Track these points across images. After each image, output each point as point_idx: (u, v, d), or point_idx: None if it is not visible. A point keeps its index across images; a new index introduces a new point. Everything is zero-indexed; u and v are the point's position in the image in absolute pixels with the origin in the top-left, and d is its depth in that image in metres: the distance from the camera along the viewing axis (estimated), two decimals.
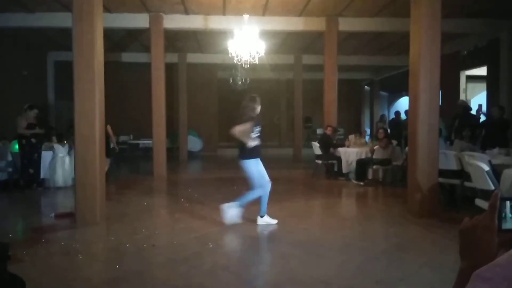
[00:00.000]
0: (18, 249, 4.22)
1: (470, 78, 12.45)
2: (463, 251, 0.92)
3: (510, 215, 0.88)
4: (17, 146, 8.11)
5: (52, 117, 13.98)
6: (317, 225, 5.43)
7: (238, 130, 4.88)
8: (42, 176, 8.20)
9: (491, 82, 10.86)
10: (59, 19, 9.29)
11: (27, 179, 7.92)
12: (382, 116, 14.98)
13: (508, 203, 0.88)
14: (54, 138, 8.68)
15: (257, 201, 5.18)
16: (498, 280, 0.71)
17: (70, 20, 5.47)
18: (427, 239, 4.78)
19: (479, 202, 4.75)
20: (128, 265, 3.87)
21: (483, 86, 11.89)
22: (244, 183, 7.53)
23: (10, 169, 8.22)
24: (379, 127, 11.28)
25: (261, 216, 5.17)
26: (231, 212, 5.07)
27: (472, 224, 0.90)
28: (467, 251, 0.91)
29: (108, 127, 8.33)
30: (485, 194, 4.77)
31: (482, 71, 11.55)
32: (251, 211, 5.44)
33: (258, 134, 5.03)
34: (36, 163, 8.04)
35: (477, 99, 12.42)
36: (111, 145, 8.66)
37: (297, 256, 4.37)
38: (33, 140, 7.94)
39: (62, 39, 11.13)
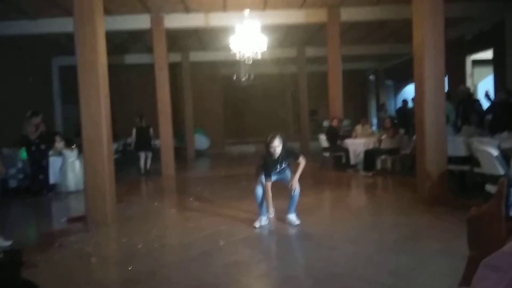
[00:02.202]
0: (31, 254, 4.27)
1: (476, 63, 12.29)
2: (471, 240, 0.92)
3: None
4: (25, 153, 8.18)
5: (59, 122, 14.09)
6: (327, 218, 5.43)
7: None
8: (52, 181, 8.28)
9: (498, 66, 10.71)
10: (62, 25, 9.34)
11: (38, 185, 8.00)
12: (383, 105, 14.83)
13: None
14: (57, 138, 8.72)
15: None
16: (506, 267, 0.71)
17: (72, 25, 5.50)
18: (438, 227, 4.75)
19: (489, 188, 4.72)
20: (140, 266, 3.90)
21: (489, 70, 11.74)
22: (252, 180, 7.55)
23: (21, 176, 8.32)
24: (380, 116, 11.19)
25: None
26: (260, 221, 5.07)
27: (479, 213, 0.89)
28: (476, 240, 0.90)
29: (151, 129, 10.59)
30: (495, 180, 4.72)
31: (488, 55, 11.41)
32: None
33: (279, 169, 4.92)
34: (46, 169, 8.12)
35: (484, 83, 12.27)
36: (151, 143, 10.64)
37: (308, 249, 4.38)
38: (42, 146, 8.02)
39: (66, 44, 11.21)
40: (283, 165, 4.92)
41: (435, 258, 3.75)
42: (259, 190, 4.94)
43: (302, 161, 4.93)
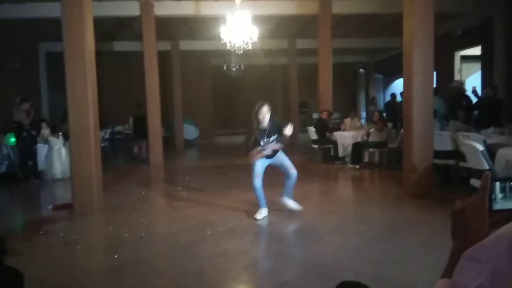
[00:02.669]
0: (16, 241, 4.24)
1: (464, 58, 12.41)
2: (455, 233, 0.93)
3: (500, 196, 0.89)
4: (13, 139, 8.08)
5: (45, 108, 13.88)
6: (313, 209, 5.45)
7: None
8: (39, 168, 8.20)
9: (486, 62, 10.84)
10: (49, 9, 9.14)
11: (26, 171, 7.94)
12: (373, 99, 14.91)
13: (498, 184, 0.89)
14: (43, 125, 8.63)
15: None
16: (486, 259, 0.72)
17: (60, 10, 5.39)
18: (422, 220, 4.82)
19: (474, 182, 4.79)
20: (127, 255, 3.89)
21: (477, 66, 11.86)
22: (240, 170, 7.57)
23: (6, 162, 8.21)
24: (370, 110, 11.24)
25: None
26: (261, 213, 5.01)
27: (463, 206, 0.91)
28: (459, 233, 0.92)
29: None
30: (480, 174, 4.79)
31: (476, 51, 11.52)
32: (249, 198, 5.47)
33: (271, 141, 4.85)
34: (35, 155, 8.10)
35: (472, 79, 12.41)
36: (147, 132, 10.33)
37: (294, 241, 4.42)
38: (33, 132, 8.01)
39: (53, 29, 10.96)
40: (271, 138, 4.84)
41: (419, 250, 3.82)
42: (257, 183, 4.89)
43: (288, 131, 4.80)
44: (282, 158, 5.01)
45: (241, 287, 3.37)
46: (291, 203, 5.11)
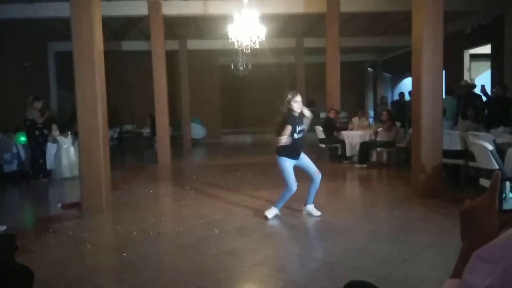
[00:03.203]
0: (26, 239, 4.29)
1: (474, 57, 12.29)
2: (464, 232, 0.93)
3: (510, 195, 0.88)
4: (22, 138, 8.16)
5: (55, 107, 14.00)
6: (321, 209, 5.44)
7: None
8: (48, 167, 8.28)
9: (495, 60, 10.72)
10: (58, 9, 9.23)
11: (37, 170, 8.03)
12: (383, 98, 14.84)
13: (508, 183, 0.88)
14: (53, 126, 8.73)
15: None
16: (497, 259, 0.72)
17: (69, 10, 5.43)
18: (431, 219, 4.79)
19: (483, 182, 4.75)
20: (135, 253, 3.91)
21: (487, 64, 11.75)
22: (248, 169, 7.57)
23: (15, 161, 8.30)
24: (380, 109, 11.17)
25: (305, 205, 5.11)
26: (272, 212, 4.96)
27: (473, 205, 0.90)
28: (468, 232, 0.91)
29: None
30: (489, 174, 4.75)
31: (486, 49, 11.40)
32: (257, 197, 5.47)
33: (299, 131, 4.82)
34: (45, 154, 8.19)
35: (482, 78, 12.29)
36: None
37: (301, 240, 4.41)
38: (45, 131, 8.14)
39: (62, 29, 11.07)
40: (301, 127, 4.84)
41: (427, 250, 3.79)
42: (295, 187, 4.80)
43: (308, 113, 5.02)
44: (307, 161, 4.96)
45: (248, 285, 3.37)
46: (311, 208, 5.07)
